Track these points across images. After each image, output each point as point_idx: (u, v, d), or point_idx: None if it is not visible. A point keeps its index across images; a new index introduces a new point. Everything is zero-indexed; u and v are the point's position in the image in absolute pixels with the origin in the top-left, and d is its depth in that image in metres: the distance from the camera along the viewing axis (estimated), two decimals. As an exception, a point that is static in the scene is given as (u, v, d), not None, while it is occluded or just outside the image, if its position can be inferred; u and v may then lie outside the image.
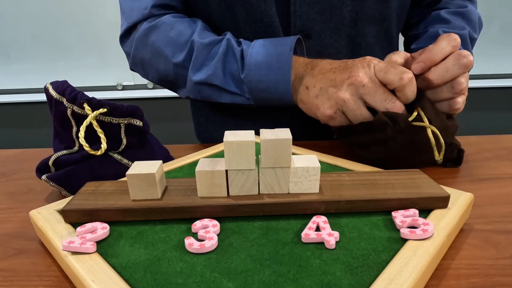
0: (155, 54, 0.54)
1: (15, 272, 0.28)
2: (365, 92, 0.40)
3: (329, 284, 0.23)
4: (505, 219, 0.33)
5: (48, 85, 0.39)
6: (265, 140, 0.29)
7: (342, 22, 0.53)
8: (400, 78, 0.38)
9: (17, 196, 0.41)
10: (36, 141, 1.82)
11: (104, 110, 0.37)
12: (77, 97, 0.37)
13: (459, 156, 0.44)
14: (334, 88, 0.42)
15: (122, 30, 0.58)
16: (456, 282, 0.25)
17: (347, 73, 0.42)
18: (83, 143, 0.36)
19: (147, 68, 0.57)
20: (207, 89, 0.52)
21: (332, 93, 0.42)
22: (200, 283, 0.23)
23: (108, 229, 0.29)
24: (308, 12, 0.52)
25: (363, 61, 0.42)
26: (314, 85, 0.44)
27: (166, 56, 0.53)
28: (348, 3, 0.52)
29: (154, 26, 0.53)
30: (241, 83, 0.50)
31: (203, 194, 0.31)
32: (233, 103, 0.52)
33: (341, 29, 0.54)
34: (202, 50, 0.50)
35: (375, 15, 0.54)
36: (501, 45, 1.70)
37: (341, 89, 0.41)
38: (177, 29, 0.52)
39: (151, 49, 0.54)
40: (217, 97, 0.52)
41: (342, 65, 0.43)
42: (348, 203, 0.30)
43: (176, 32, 0.52)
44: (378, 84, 0.40)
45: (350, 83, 0.41)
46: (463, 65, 0.39)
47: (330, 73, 0.43)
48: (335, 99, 0.42)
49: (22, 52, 1.70)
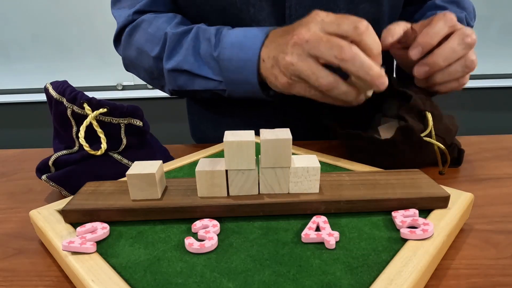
0: (138, 52, 0.55)
1: (15, 272, 0.28)
2: (310, 47, 0.37)
3: (329, 284, 0.23)
4: (505, 219, 0.33)
5: (48, 85, 0.39)
6: (265, 140, 0.29)
7: None
8: (355, 27, 0.36)
9: (17, 196, 0.41)
10: (36, 141, 1.81)
11: (104, 110, 0.37)
12: (77, 97, 0.37)
13: (459, 156, 0.44)
14: (282, 53, 0.40)
15: (114, 35, 0.60)
16: (456, 282, 0.25)
17: (291, 34, 0.39)
18: (83, 143, 0.36)
19: (136, 67, 0.58)
20: (181, 76, 0.51)
21: (281, 59, 0.40)
22: (200, 283, 0.23)
23: (108, 229, 0.29)
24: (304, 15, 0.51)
25: (309, 17, 0.39)
26: (268, 56, 0.43)
27: (146, 52, 0.53)
28: (343, 6, 0.52)
29: (135, 25, 0.55)
30: (212, 64, 0.49)
31: (203, 194, 0.31)
32: (206, 89, 0.51)
33: None
34: (174, 39, 0.50)
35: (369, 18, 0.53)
36: (501, 45, 1.70)
37: (287, 52, 0.39)
38: (155, 24, 0.53)
39: (135, 48, 0.55)
40: (191, 84, 0.52)
41: (290, 27, 0.42)
42: (348, 203, 0.30)
43: (155, 28, 0.53)
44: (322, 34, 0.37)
45: (293, 43, 0.39)
46: (469, 44, 0.39)
47: (278, 38, 0.42)
48: (284, 65, 0.40)
49: (22, 52, 1.69)
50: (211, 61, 0.49)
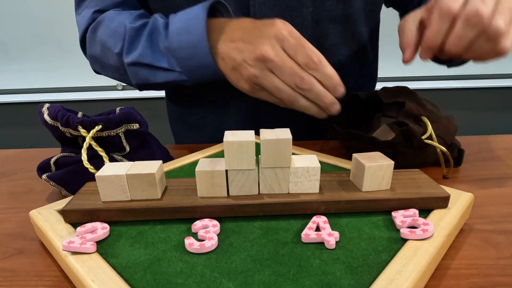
0: (102, 49, 0.53)
1: (15, 272, 0.28)
2: (273, 66, 0.39)
3: (329, 284, 0.23)
4: (505, 219, 0.33)
5: (44, 109, 0.38)
6: (265, 140, 0.29)
7: (303, 24, 0.52)
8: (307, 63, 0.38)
9: (17, 196, 0.41)
10: (36, 141, 1.82)
11: (99, 127, 0.37)
12: (70, 121, 0.37)
13: (459, 156, 0.44)
14: (245, 63, 0.41)
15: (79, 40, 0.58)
16: (456, 282, 0.25)
17: (253, 45, 0.40)
18: (87, 166, 0.36)
19: (103, 65, 0.57)
20: (142, 70, 0.50)
21: (244, 69, 0.41)
22: (200, 283, 0.23)
23: (108, 229, 0.29)
24: (268, 15, 0.51)
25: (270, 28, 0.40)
26: (228, 55, 0.43)
27: (110, 48, 0.52)
28: (309, 4, 0.51)
29: (99, 21, 0.53)
30: (167, 54, 0.48)
31: (203, 194, 0.31)
32: (169, 81, 0.50)
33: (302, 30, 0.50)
34: (133, 33, 0.49)
35: (337, 16, 0.53)
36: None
37: (250, 64, 0.40)
38: (117, 20, 0.51)
39: (99, 44, 0.54)
40: (153, 77, 0.51)
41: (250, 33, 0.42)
42: (348, 203, 0.30)
43: (117, 23, 0.51)
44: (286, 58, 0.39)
45: (256, 58, 0.40)
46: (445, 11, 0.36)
47: (239, 43, 0.42)
48: (247, 75, 0.41)
49: (22, 52, 1.70)
50: (166, 52, 0.48)
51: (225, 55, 0.43)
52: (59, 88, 1.77)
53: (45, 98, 1.71)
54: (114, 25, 0.51)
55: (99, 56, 0.55)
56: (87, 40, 0.56)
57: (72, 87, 1.76)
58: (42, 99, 1.71)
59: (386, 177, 0.31)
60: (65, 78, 1.74)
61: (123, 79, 0.57)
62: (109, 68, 0.56)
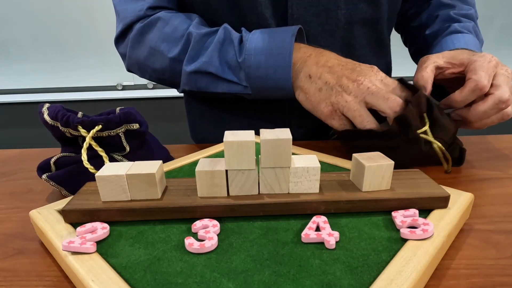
0: (150, 52, 0.53)
1: (15, 272, 0.28)
2: (369, 93, 0.41)
3: (329, 284, 0.23)
4: (505, 219, 0.33)
5: (44, 109, 0.38)
6: (265, 140, 0.29)
7: (337, 25, 0.53)
8: (391, 111, 0.40)
9: (17, 196, 0.41)
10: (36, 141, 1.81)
11: (99, 127, 0.37)
12: (70, 121, 0.37)
13: (460, 155, 0.44)
14: (340, 88, 0.42)
15: (117, 32, 0.57)
16: (456, 282, 0.25)
17: (355, 76, 0.42)
18: (87, 166, 0.36)
19: (143, 68, 0.56)
20: (203, 79, 0.51)
21: (337, 92, 0.42)
22: (200, 283, 0.23)
23: (108, 229, 0.29)
24: (305, 15, 0.52)
25: (371, 69, 0.42)
26: (318, 77, 0.44)
27: (162, 52, 0.52)
28: (343, 6, 0.52)
29: (149, 24, 0.53)
30: (238, 70, 0.48)
31: (203, 194, 0.31)
32: (230, 92, 0.50)
33: (336, 31, 0.54)
34: (199, 41, 0.49)
35: (367, 18, 0.55)
36: (501, 45, 1.70)
37: (347, 90, 0.41)
38: (172, 24, 0.51)
39: (147, 47, 0.53)
40: (214, 87, 0.51)
41: (350, 65, 0.43)
42: (348, 203, 0.30)
43: (172, 28, 0.51)
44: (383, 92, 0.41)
45: (356, 87, 0.41)
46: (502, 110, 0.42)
47: (337, 68, 0.43)
48: (339, 100, 0.42)
49: (22, 52, 1.70)
50: (236, 66, 0.48)
51: (314, 75, 0.44)
52: (59, 88, 1.77)
53: (45, 98, 1.72)
54: (169, 29, 0.51)
55: (143, 59, 0.54)
56: (130, 41, 0.55)
57: (72, 87, 1.76)
58: (42, 99, 1.71)
59: (386, 177, 0.31)
60: (65, 78, 1.74)
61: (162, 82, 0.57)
62: (152, 71, 0.55)
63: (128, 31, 0.55)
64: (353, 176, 0.33)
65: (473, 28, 0.56)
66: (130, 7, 0.54)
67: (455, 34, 0.55)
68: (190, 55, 0.50)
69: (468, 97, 0.41)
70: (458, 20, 0.57)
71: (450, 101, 0.43)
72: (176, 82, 0.55)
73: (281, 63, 0.46)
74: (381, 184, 0.31)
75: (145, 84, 1.76)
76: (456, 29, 0.55)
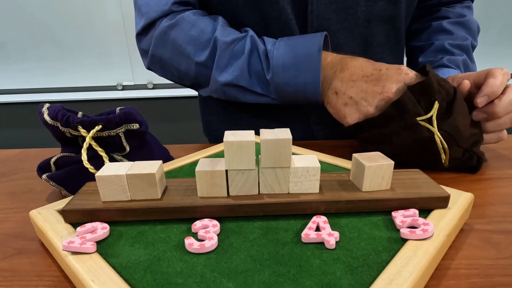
0: (175, 53, 0.53)
1: (15, 272, 0.28)
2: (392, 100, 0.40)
3: (329, 284, 0.23)
4: (505, 219, 0.33)
5: (44, 109, 0.38)
6: (265, 140, 0.29)
7: (356, 22, 0.54)
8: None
9: (17, 196, 0.41)
10: (36, 141, 1.82)
11: (99, 127, 0.37)
12: (70, 121, 0.37)
13: (478, 164, 0.43)
14: (365, 101, 0.42)
15: (139, 27, 0.55)
16: (456, 282, 0.25)
17: (380, 87, 0.41)
18: (87, 166, 0.36)
19: (166, 67, 0.56)
20: (233, 90, 0.52)
21: (362, 106, 0.42)
22: (200, 283, 0.23)
23: (108, 229, 0.29)
24: (325, 12, 0.52)
25: (398, 72, 0.41)
26: (343, 92, 0.44)
27: (188, 54, 0.52)
28: (362, 3, 0.53)
29: (174, 24, 0.52)
30: (267, 84, 0.50)
31: (203, 194, 0.31)
32: (257, 103, 0.52)
33: (355, 28, 0.54)
34: (226, 49, 0.50)
35: (386, 15, 0.55)
36: (501, 45, 1.70)
37: (372, 104, 0.41)
38: (198, 27, 0.51)
39: (171, 47, 0.53)
40: (243, 97, 0.52)
41: (375, 74, 0.42)
42: (348, 203, 0.30)
43: (198, 30, 0.51)
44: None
45: (381, 98, 0.41)
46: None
47: (361, 82, 0.43)
48: (365, 113, 0.42)
49: (22, 52, 1.70)
50: (265, 81, 0.50)
51: (340, 91, 0.44)
52: (59, 88, 1.77)
53: (45, 98, 1.72)
54: (195, 32, 0.51)
55: (168, 58, 0.54)
56: (154, 39, 0.54)
57: (72, 87, 1.77)
58: (42, 99, 1.71)
59: (386, 177, 0.31)
60: (65, 78, 1.74)
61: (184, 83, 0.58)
62: (175, 72, 0.56)
63: (151, 26, 0.54)
64: (353, 176, 0.33)
65: (462, 62, 0.57)
66: (153, 2, 0.53)
67: (442, 68, 0.56)
68: (219, 64, 0.51)
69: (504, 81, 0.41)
70: (450, 53, 0.59)
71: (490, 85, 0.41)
72: (199, 84, 0.56)
73: (310, 80, 0.46)
74: (381, 184, 0.31)
75: (145, 84, 1.76)
76: (444, 64, 0.57)
